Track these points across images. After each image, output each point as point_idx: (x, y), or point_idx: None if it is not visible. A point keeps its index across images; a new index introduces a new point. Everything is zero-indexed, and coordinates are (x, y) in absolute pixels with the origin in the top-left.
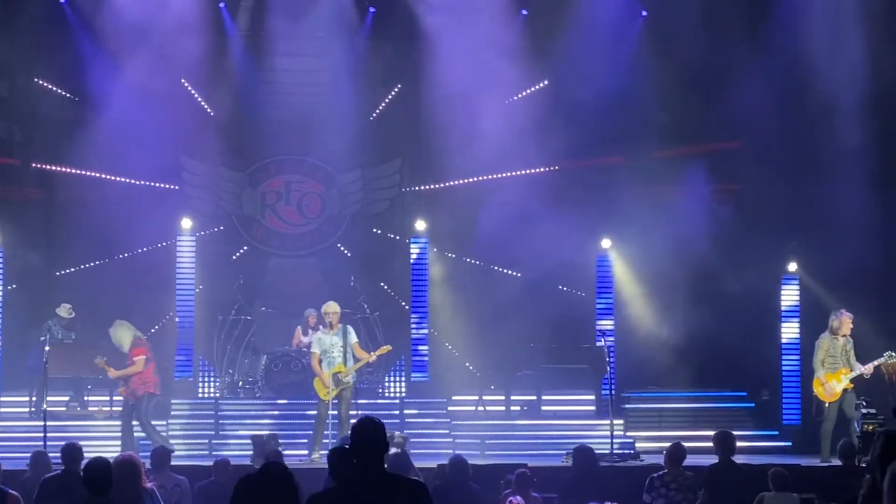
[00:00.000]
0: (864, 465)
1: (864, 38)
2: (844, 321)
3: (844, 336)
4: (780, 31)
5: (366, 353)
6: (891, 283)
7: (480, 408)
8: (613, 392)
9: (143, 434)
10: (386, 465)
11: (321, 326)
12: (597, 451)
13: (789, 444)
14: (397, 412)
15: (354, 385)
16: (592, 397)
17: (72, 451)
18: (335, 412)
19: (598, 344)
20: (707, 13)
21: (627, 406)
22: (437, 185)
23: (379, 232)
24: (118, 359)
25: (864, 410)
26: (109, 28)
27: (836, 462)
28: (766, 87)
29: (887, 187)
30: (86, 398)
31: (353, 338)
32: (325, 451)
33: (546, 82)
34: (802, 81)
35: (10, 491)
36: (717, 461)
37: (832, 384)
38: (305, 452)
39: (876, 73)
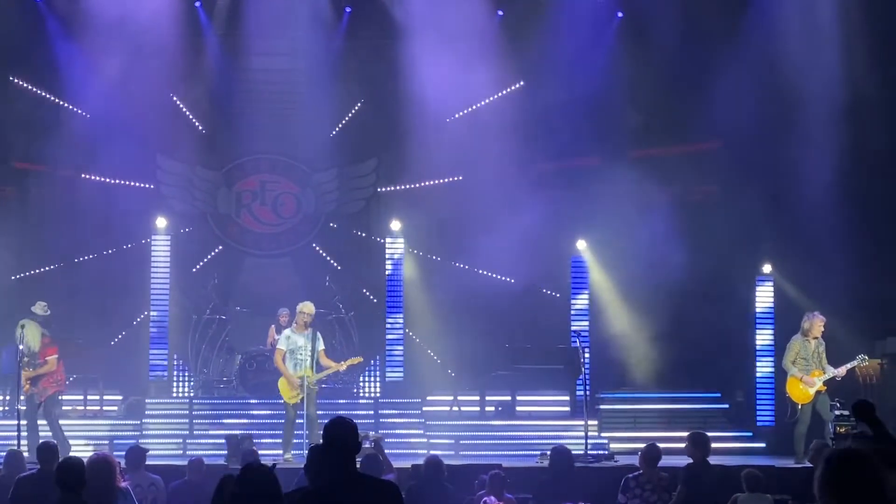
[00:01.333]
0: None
1: (840, 42)
2: (816, 323)
3: (816, 338)
4: (756, 33)
5: (332, 361)
6: (864, 285)
7: (455, 408)
8: (588, 393)
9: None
10: (359, 465)
11: (294, 324)
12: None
13: (763, 445)
14: (372, 412)
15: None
16: (567, 398)
17: (47, 451)
18: (304, 412)
19: (572, 345)
20: (684, 15)
21: (602, 407)
22: (412, 186)
23: (354, 232)
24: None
25: (837, 412)
26: (85, 27)
27: (810, 464)
28: (742, 89)
29: (861, 190)
30: (60, 397)
31: (320, 345)
32: (297, 451)
33: (522, 83)
34: (779, 84)
35: None
36: (692, 461)
37: (810, 379)
38: (280, 452)
39: (851, 76)
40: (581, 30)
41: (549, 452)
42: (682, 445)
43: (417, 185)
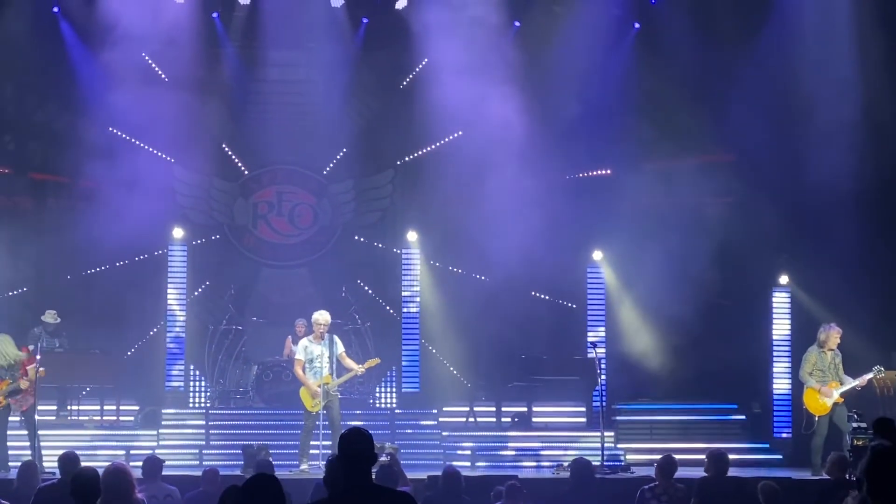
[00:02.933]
0: (854, 478)
1: (858, 51)
2: (832, 335)
3: (832, 350)
4: (772, 45)
5: (354, 362)
6: (881, 296)
7: (471, 419)
8: (604, 404)
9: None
10: (374, 477)
11: (311, 334)
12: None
13: (780, 456)
14: (388, 423)
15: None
16: (583, 409)
17: (69, 461)
18: (325, 422)
19: (589, 355)
20: (699, 26)
21: (618, 418)
22: (428, 197)
23: (371, 243)
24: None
25: (854, 424)
26: (103, 38)
27: (827, 476)
28: (758, 100)
29: (877, 200)
30: (75, 407)
31: (339, 348)
32: (314, 462)
33: (539, 93)
34: (795, 94)
35: (1, 500)
36: (707, 475)
37: (828, 390)
38: (296, 463)
39: (868, 86)
40: (597, 41)
41: (567, 464)
42: (699, 457)
43: (433, 197)
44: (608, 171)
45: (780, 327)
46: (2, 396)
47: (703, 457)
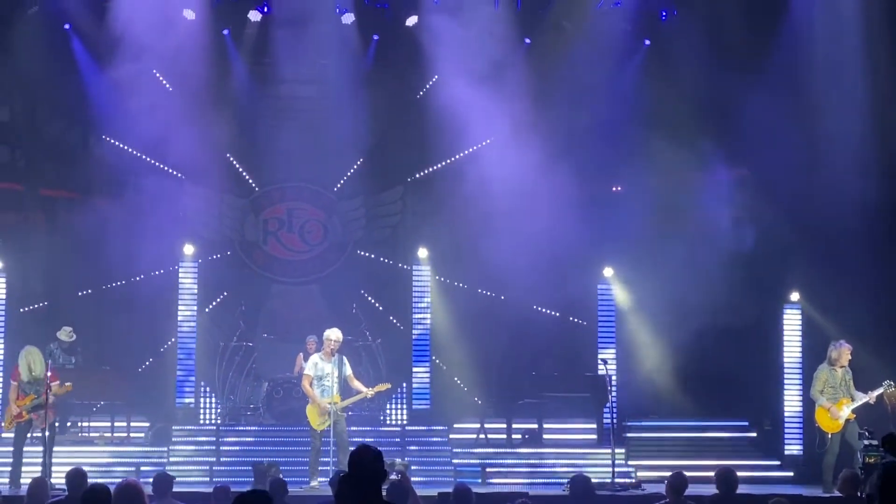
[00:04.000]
0: (865, 496)
1: (869, 66)
2: (843, 352)
3: (843, 367)
4: (783, 61)
5: (362, 385)
6: (892, 311)
7: (482, 436)
8: (615, 421)
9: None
10: (385, 494)
11: (322, 351)
12: (598, 480)
13: (791, 473)
14: (398, 440)
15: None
16: (594, 426)
17: (76, 477)
18: (333, 439)
19: (599, 372)
20: (710, 42)
21: (629, 435)
22: (439, 213)
23: (381, 259)
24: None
25: (866, 441)
26: (114, 55)
27: (839, 493)
28: (768, 116)
29: (889, 217)
30: (85, 423)
31: (347, 370)
32: (324, 479)
33: (549, 109)
34: (806, 110)
35: None
36: (717, 492)
37: (836, 410)
38: (306, 479)
39: (880, 102)
40: (607, 57)
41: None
42: (710, 474)
43: (444, 213)
44: (621, 187)
45: (791, 344)
46: (25, 411)
47: (713, 474)
